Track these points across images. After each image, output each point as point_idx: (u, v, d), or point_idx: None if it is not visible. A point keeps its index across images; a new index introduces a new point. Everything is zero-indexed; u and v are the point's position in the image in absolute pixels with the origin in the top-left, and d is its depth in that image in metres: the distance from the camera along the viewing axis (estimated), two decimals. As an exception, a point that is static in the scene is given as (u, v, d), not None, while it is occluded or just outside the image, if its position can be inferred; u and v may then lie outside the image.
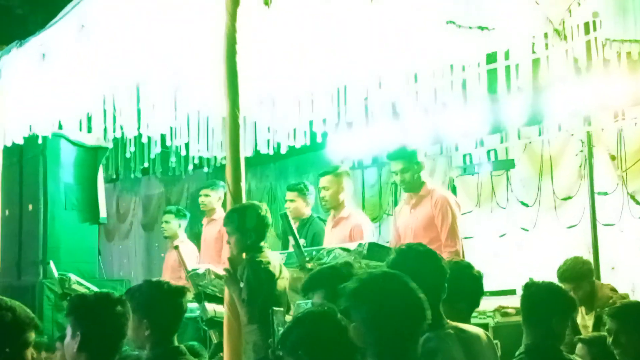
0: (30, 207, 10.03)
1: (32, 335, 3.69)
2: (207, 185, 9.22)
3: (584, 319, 6.46)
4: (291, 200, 8.00)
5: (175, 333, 4.63)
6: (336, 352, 3.61)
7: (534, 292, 4.62)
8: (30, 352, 3.66)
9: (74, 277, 8.38)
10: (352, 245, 6.07)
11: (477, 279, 4.77)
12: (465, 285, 4.63)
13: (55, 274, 8.50)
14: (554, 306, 4.56)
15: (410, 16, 6.04)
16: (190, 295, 7.37)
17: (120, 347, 4.04)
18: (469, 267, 4.83)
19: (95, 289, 7.65)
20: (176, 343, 4.62)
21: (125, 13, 6.35)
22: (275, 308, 4.27)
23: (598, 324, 6.15)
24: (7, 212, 9.62)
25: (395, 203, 9.13)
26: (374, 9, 5.86)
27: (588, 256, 7.56)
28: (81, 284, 8.26)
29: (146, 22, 6.35)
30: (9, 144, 8.03)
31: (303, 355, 3.61)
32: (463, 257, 6.82)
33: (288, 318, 4.57)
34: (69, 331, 4.01)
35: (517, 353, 4.56)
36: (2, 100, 7.75)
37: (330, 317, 3.69)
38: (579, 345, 5.22)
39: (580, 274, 6.42)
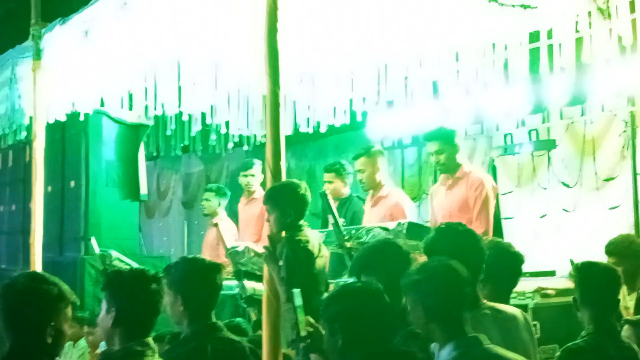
0: (73, 183, 10.14)
1: (70, 311, 3.76)
2: (249, 165, 9.18)
3: (625, 300, 6.40)
4: (329, 182, 8.01)
5: (212, 309, 4.66)
6: (373, 330, 3.62)
7: (595, 272, 4.61)
8: (67, 326, 3.73)
9: (114, 254, 8.47)
10: (392, 225, 6.07)
11: (517, 259, 4.76)
12: (504, 265, 4.62)
13: (97, 250, 8.59)
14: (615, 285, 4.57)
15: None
16: (228, 273, 7.46)
17: (154, 324, 4.07)
18: (508, 246, 4.82)
19: (136, 265, 7.72)
20: (214, 319, 4.64)
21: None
22: (294, 290, 4.27)
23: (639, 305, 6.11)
24: (49, 189, 9.72)
25: (435, 182, 9.11)
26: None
27: (630, 237, 7.48)
28: (122, 261, 8.34)
29: (188, 0, 6.36)
30: (51, 121, 8.11)
31: (339, 329, 3.62)
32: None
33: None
34: (104, 306, 4.05)
35: (584, 333, 4.55)
36: (45, 77, 7.82)
37: (372, 294, 3.70)
38: (626, 327, 5.18)
39: (624, 251, 6.34)
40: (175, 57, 7.39)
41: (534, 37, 6.83)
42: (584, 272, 4.67)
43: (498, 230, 8.11)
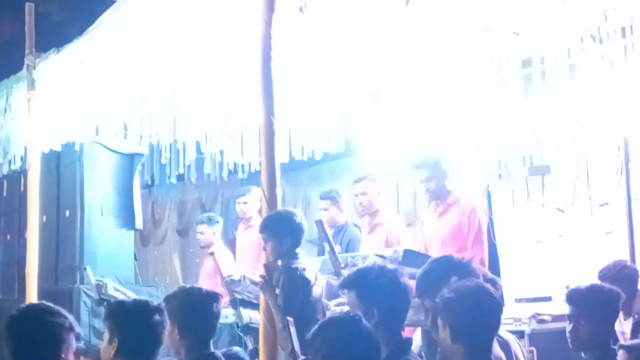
0: (68, 213, 10.13)
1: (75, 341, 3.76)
2: (243, 192, 9.18)
3: (622, 325, 6.40)
4: (325, 209, 8.02)
5: (210, 339, 4.65)
6: (355, 357, 3.61)
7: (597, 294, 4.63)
8: (73, 357, 3.73)
9: (110, 283, 8.44)
10: (388, 252, 6.07)
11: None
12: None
13: (92, 279, 8.57)
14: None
15: (445, 21, 6.03)
16: (225, 301, 7.44)
17: (156, 355, 4.07)
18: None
19: (132, 294, 7.70)
20: (212, 349, 4.64)
21: (162, 20, 6.40)
22: (289, 318, 4.28)
23: (636, 330, 6.10)
24: (45, 218, 9.71)
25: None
26: (408, 13, 5.85)
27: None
28: (118, 290, 8.31)
29: (182, 29, 6.39)
30: (46, 151, 8.12)
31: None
32: (488, 264, 6.82)
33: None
34: (106, 336, 4.06)
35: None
36: (40, 107, 7.83)
37: (354, 323, 3.69)
38: (621, 352, 5.17)
39: (616, 275, 6.35)
40: (169, 86, 7.43)
41: (527, 63, 6.88)
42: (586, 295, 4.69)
43: (493, 256, 8.10)
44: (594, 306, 4.65)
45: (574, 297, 4.73)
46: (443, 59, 6.66)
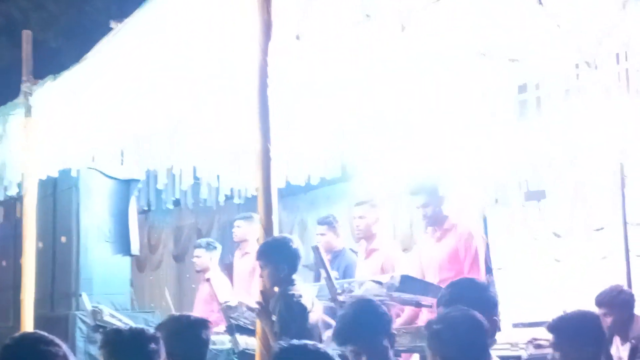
0: (64, 239, 10.11)
1: None
2: (242, 217, 9.17)
3: (619, 350, 6.39)
4: (322, 234, 8.02)
5: None
6: None
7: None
8: None
9: (106, 309, 8.41)
10: (384, 278, 6.06)
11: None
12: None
13: (88, 306, 8.54)
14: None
15: (441, 47, 6.05)
16: (221, 328, 7.42)
17: None
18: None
19: (128, 320, 7.68)
20: None
21: (158, 47, 6.42)
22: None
23: (633, 356, 6.09)
24: (40, 244, 9.69)
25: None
26: (404, 39, 5.88)
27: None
28: (114, 316, 8.28)
29: (178, 56, 6.41)
30: (43, 178, 8.11)
31: None
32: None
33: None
34: None
35: None
36: (36, 134, 7.84)
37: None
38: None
39: (612, 300, 6.34)
40: (166, 111, 7.44)
41: (523, 89, 6.90)
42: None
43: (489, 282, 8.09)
44: (574, 332, 4.64)
45: (553, 325, 4.72)
46: (439, 85, 6.68)
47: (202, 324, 4.73)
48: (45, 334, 3.73)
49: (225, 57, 6.21)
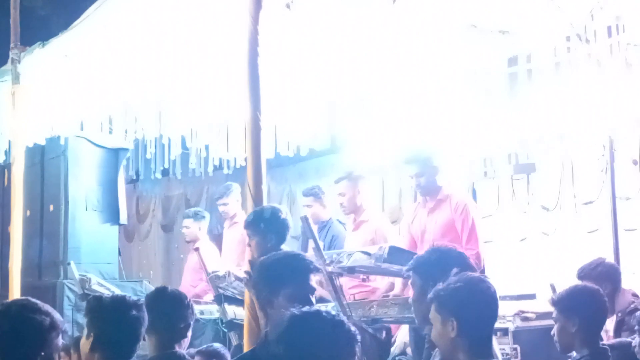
0: (52, 207, 10.06)
1: (61, 339, 3.74)
2: (223, 193, 9.13)
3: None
4: (308, 206, 8.01)
5: (175, 338, 4.62)
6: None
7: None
8: (57, 355, 3.71)
9: (94, 278, 8.40)
10: (373, 249, 6.06)
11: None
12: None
13: (76, 274, 8.53)
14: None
15: (432, 19, 6.03)
16: (209, 298, 7.42)
17: (135, 350, 4.08)
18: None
19: (116, 289, 7.67)
20: (176, 349, 4.61)
21: (147, 15, 6.38)
22: None
23: (619, 329, 6.11)
24: (28, 213, 9.65)
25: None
26: (395, 11, 5.85)
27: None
28: (102, 285, 8.28)
29: (168, 24, 6.37)
30: (31, 145, 8.07)
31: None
32: (483, 260, 6.82)
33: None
34: (84, 331, 4.10)
35: (577, 356, 4.62)
36: (24, 101, 7.79)
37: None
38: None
39: (591, 273, 6.32)
40: (155, 81, 7.41)
41: (513, 62, 6.89)
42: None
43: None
44: (576, 306, 4.67)
45: (558, 299, 4.75)
46: (429, 57, 6.67)
47: (176, 298, 4.72)
48: (36, 301, 3.73)
49: (216, 25, 6.17)
